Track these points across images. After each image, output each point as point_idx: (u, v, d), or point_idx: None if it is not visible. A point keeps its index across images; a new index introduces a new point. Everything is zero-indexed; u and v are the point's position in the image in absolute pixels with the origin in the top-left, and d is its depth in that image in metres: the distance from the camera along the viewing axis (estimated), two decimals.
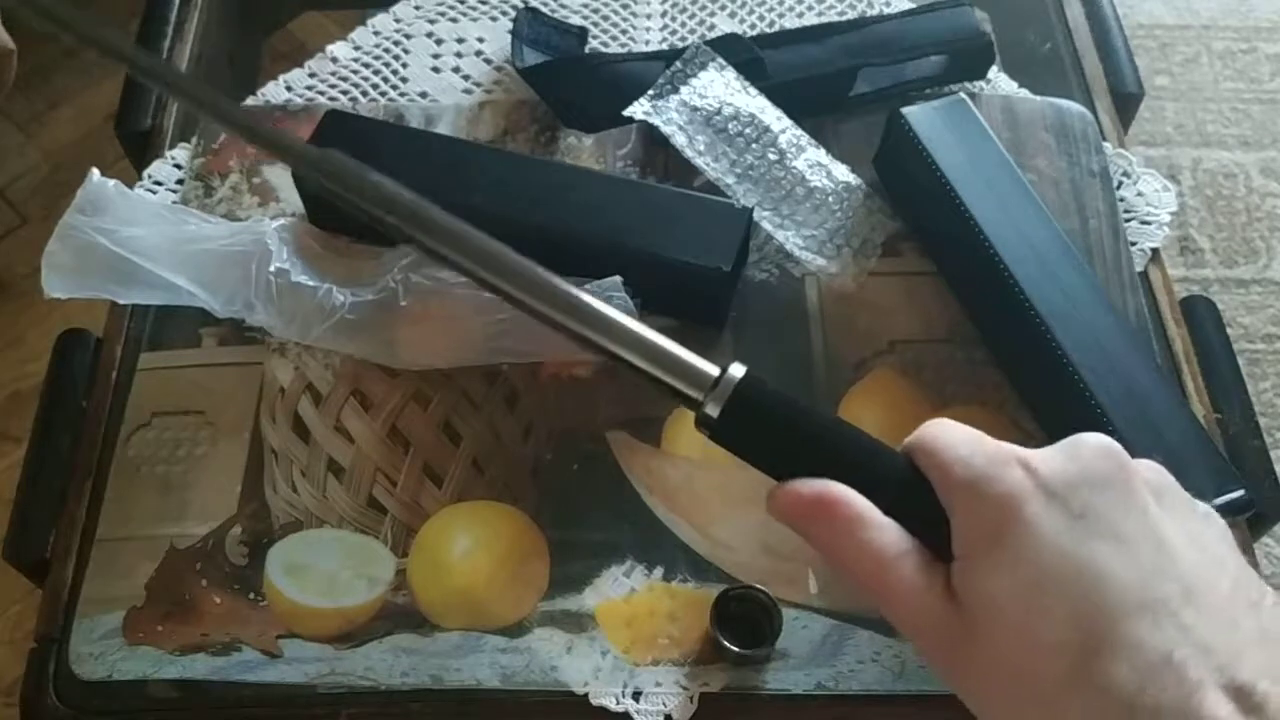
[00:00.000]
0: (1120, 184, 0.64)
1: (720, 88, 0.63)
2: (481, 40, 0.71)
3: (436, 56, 0.70)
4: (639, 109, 0.62)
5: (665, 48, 0.70)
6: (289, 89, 0.69)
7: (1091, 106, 0.67)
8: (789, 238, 0.60)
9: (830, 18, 0.71)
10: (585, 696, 0.49)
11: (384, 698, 0.49)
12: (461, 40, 0.71)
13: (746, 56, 0.64)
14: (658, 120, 0.62)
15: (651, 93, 0.63)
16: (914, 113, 0.59)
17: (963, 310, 0.59)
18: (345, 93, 0.69)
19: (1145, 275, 0.61)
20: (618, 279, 0.53)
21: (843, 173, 0.62)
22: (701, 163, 0.61)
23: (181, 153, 0.66)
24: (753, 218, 0.58)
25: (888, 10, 0.71)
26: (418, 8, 0.72)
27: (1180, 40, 1.55)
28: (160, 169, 0.66)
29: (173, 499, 0.54)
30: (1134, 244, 0.62)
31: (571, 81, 0.66)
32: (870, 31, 0.66)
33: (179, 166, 0.66)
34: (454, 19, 0.72)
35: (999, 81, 0.68)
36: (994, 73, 0.68)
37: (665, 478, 0.54)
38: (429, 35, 0.71)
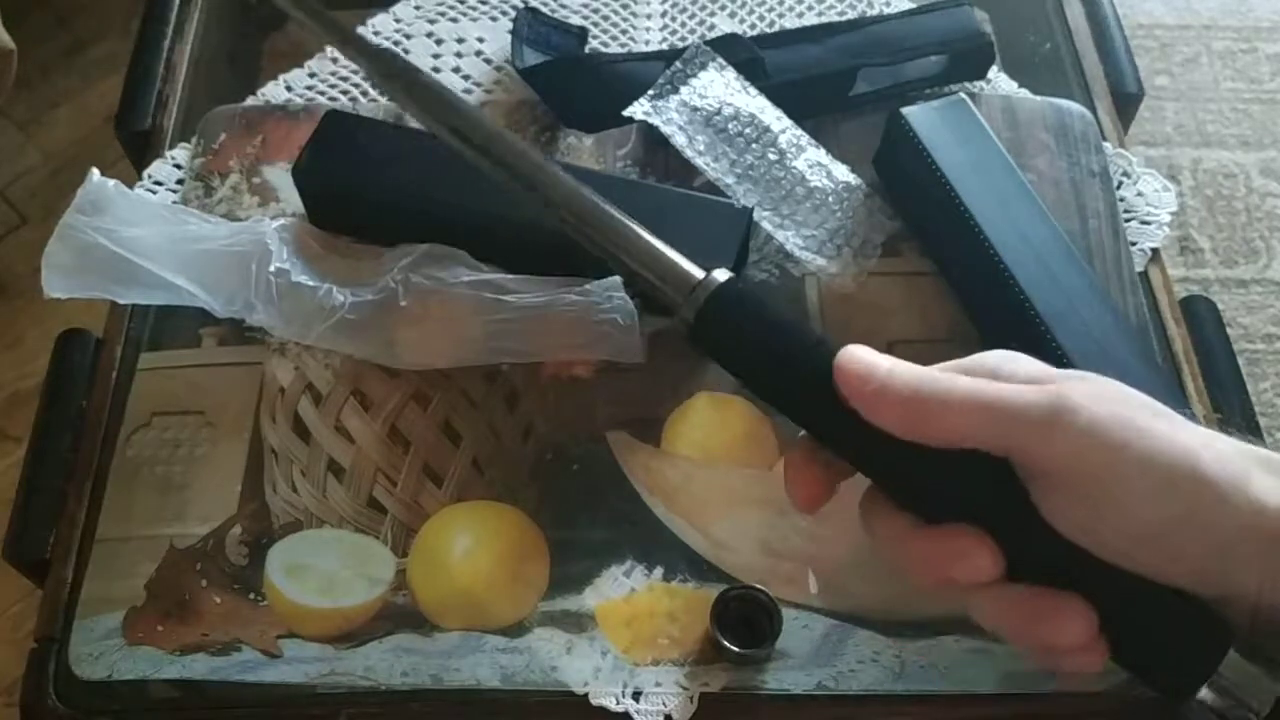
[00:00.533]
0: (1120, 184, 0.64)
1: (720, 88, 0.63)
2: (481, 40, 0.71)
3: (436, 56, 0.70)
4: (639, 109, 0.62)
5: (665, 48, 0.70)
6: (289, 89, 0.69)
7: (1091, 106, 0.67)
8: (789, 238, 0.60)
9: (830, 18, 0.71)
10: (585, 696, 0.49)
11: (384, 698, 0.49)
12: (461, 40, 0.71)
13: (746, 56, 0.64)
14: (658, 120, 0.62)
15: (651, 93, 0.63)
16: (914, 113, 0.59)
17: (963, 310, 0.59)
18: (345, 93, 0.69)
19: (1145, 275, 0.61)
20: (618, 279, 0.53)
21: (843, 173, 0.62)
22: (701, 163, 0.61)
23: (181, 153, 0.66)
24: (753, 218, 0.58)
25: (888, 10, 0.71)
26: (418, 8, 0.72)
27: (1180, 40, 1.55)
28: (160, 169, 0.66)
29: (173, 499, 0.54)
30: (1134, 244, 0.62)
31: (571, 81, 0.66)
32: (870, 31, 0.66)
33: (179, 166, 0.66)
34: (454, 19, 0.72)
35: (999, 81, 0.68)
36: (994, 73, 0.68)
37: (665, 478, 0.54)
38: (429, 35, 0.71)
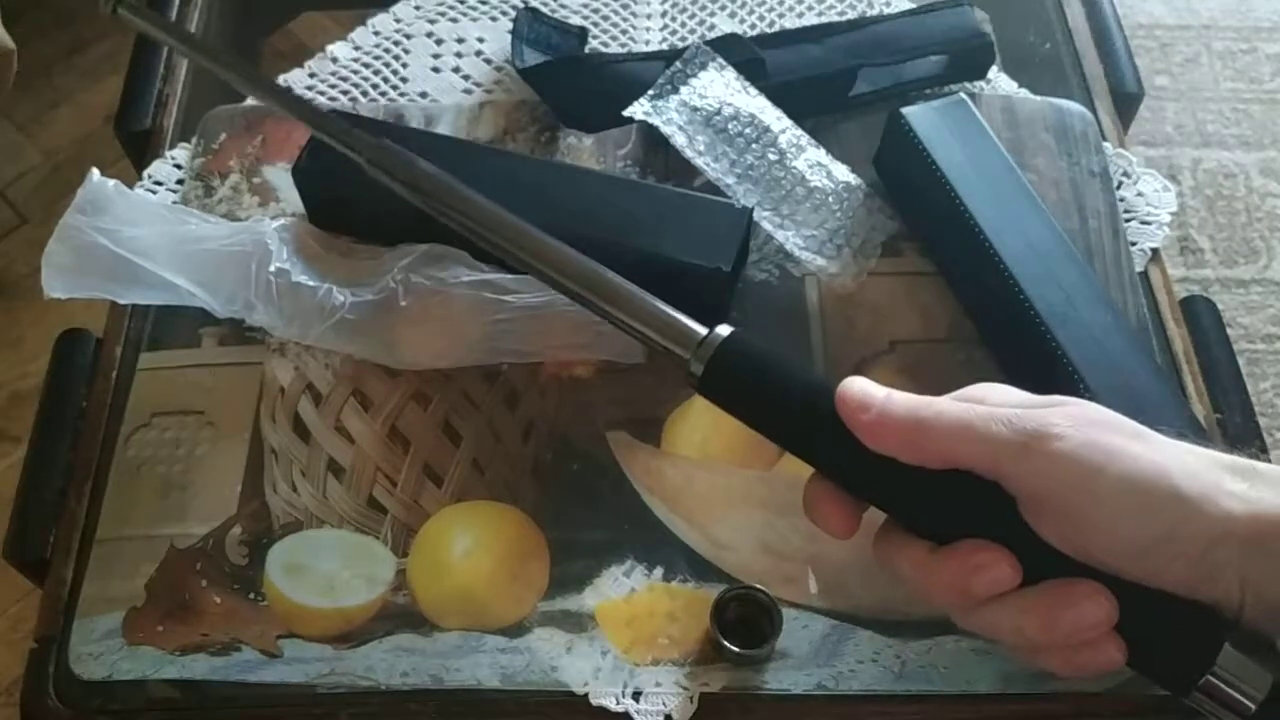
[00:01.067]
0: (1120, 184, 0.64)
1: (720, 88, 0.63)
2: (481, 40, 0.71)
3: (436, 56, 0.70)
4: (639, 109, 0.62)
5: (665, 48, 0.70)
6: (289, 89, 0.69)
7: (1091, 106, 0.67)
8: (789, 238, 0.60)
9: (830, 18, 0.71)
10: (585, 696, 0.49)
11: (384, 698, 0.49)
12: (461, 40, 0.71)
13: (746, 56, 0.64)
14: (658, 120, 0.62)
15: (651, 93, 0.63)
16: (914, 113, 0.59)
17: (963, 310, 0.59)
18: (345, 93, 0.69)
19: (1145, 275, 0.61)
20: None
21: (843, 173, 0.62)
22: (701, 163, 0.61)
23: (181, 153, 0.66)
24: (753, 218, 0.58)
25: (888, 10, 0.71)
26: (418, 8, 0.72)
27: (1180, 40, 1.55)
28: (160, 169, 0.66)
29: (173, 499, 0.54)
30: (1134, 244, 0.62)
31: (571, 81, 0.66)
32: (870, 31, 0.66)
33: (179, 166, 0.66)
34: (454, 19, 0.72)
35: (999, 81, 0.68)
36: (994, 73, 0.68)
37: (665, 478, 0.54)
38: (429, 35, 0.71)
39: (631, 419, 0.56)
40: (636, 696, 0.49)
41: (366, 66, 0.70)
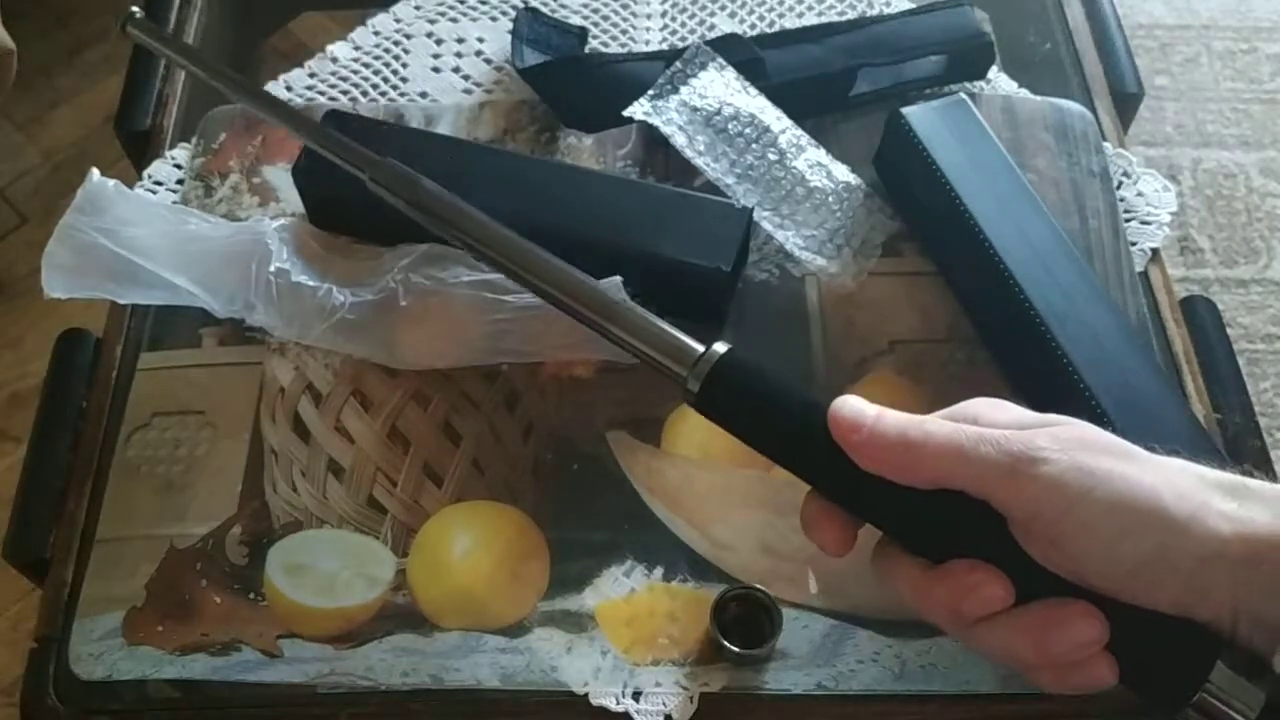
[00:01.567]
0: (1120, 184, 0.64)
1: (720, 88, 0.63)
2: (481, 40, 0.71)
3: (436, 56, 0.70)
4: (639, 109, 0.62)
5: (665, 48, 0.70)
6: (289, 89, 0.69)
7: (1091, 106, 0.67)
8: (789, 238, 0.60)
9: (830, 18, 0.71)
10: (585, 696, 0.49)
11: (384, 698, 0.49)
12: (461, 40, 0.71)
13: (746, 56, 0.64)
14: (658, 120, 0.62)
15: (651, 93, 0.63)
16: (914, 113, 0.59)
17: (963, 310, 0.59)
18: (345, 93, 0.69)
19: (1145, 275, 0.61)
20: (618, 279, 0.53)
21: (843, 173, 0.62)
22: (701, 163, 0.61)
23: (181, 153, 0.66)
24: (753, 218, 0.58)
25: (888, 10, 0.71)
26: (418, 8, 0.72)
27: (1180, 40, 1.55)
28: (160, 169, 0.66)
29: (173, 499, 0.54)
30: (1134, 244, 0.62)
31: (571, 81, 0.66)
32: (870, 31, 0.66)
33: (179, 166, 0.66)
34: (454, 19, 0.72)
35: (999, 81, 0.68)
36: (994, 73, 0.68)
37: (665, 478, 0.54)
38: (429, 35, 0.71)
39: (631, 419, 0.56)
40: (636, 696, 0.49)
41: (366, 66, 0.70)
